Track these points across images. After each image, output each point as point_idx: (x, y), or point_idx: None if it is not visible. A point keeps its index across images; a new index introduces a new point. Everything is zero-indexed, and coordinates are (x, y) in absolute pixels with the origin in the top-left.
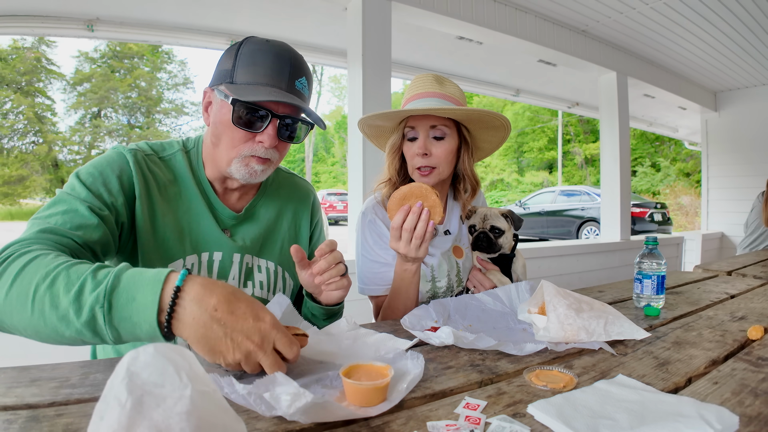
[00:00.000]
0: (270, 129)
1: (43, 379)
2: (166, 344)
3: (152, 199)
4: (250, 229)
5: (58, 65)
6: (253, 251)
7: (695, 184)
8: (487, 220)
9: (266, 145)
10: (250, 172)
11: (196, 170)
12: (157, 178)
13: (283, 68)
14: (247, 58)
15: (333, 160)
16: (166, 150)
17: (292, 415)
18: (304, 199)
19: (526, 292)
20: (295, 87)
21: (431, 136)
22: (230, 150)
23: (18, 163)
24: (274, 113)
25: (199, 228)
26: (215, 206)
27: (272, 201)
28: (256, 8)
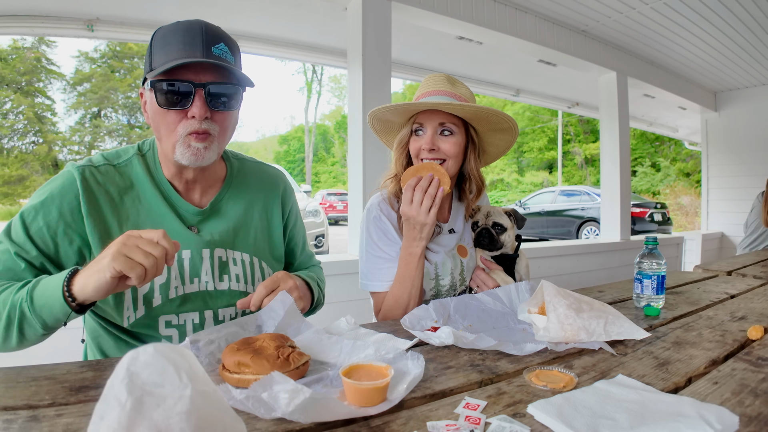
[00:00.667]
0: (197, 100)
1: (43, 379)
2: (166, 344)
3: (104, 213)
4: (218, 223)
5: (58, 65)
6: (224, 245)
7: (695, 184)
8: (490, 216)
9: (198, 117)
10: (193, 152)
11: (154, 172)
12: (110, 190)
13: (195, 38)
14: (159, 42)
15: (333, 160)
16: (120, 157)
17: (292, 413)
18: (274, 187)
19: (526, 292)
20: (213, 54)
21: (439, 132)
22: (170, 136)
23: (18, 163)
24: (195, 83)
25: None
26: (177, 205)
27: (239, 193)
28: (256, 8)
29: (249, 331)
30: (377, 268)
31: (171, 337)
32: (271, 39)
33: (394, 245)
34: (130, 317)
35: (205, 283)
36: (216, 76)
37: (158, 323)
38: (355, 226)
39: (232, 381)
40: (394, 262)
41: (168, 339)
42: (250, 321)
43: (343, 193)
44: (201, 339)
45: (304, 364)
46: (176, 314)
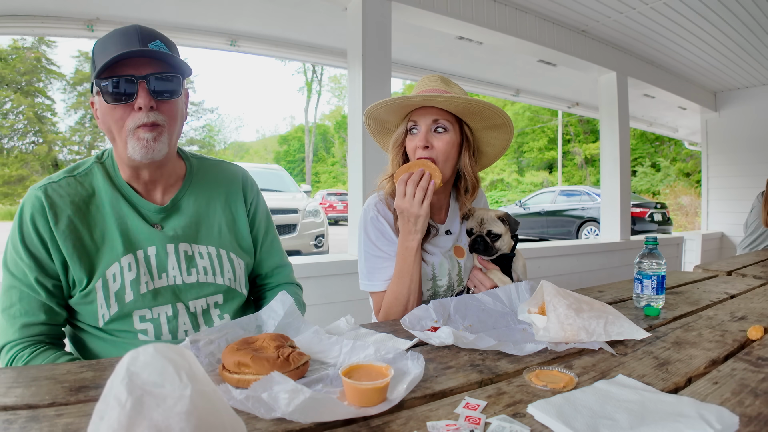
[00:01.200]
0: (140, 91)
1: (43, 379)
2: (166, 344)
3: (74, 223)
4: (180, 219)
5: (58, 65)
6: (188, 239)
7: (695, 184)
8: (484, 224)
9: (144, 108)
10: (143, 145)
11: (114, 177)
12: (75, 200)
13: (131, 38)
14: (99, 49)
15: (333, 160)
16: (79, 167)
17: (292, 413)
18: (233, 182)
19: (526, 292)
20: (150, 48)
21: (433, 130)
22: (120, 132)
23: (18, 163)
24: (137, 76)
25: (127, 229)
26: (138, 205)
27: (198, 190)
28: (256, 8)
29: (249, 331)
30: (376, 268)
31: (146, 330)
32: (271, 39)
33: (392, 245)
34: (104, 315)
35: (173, 278)
36: (156, 67)
37: (132, 318)
38: (355, 227)
39: (232, 381)
40: (392, 261)
41: (143, 333)
42: (250, 321)
43: (343, 193)
44: (201, 339)
45: (304, 364)
46: (149, 308)
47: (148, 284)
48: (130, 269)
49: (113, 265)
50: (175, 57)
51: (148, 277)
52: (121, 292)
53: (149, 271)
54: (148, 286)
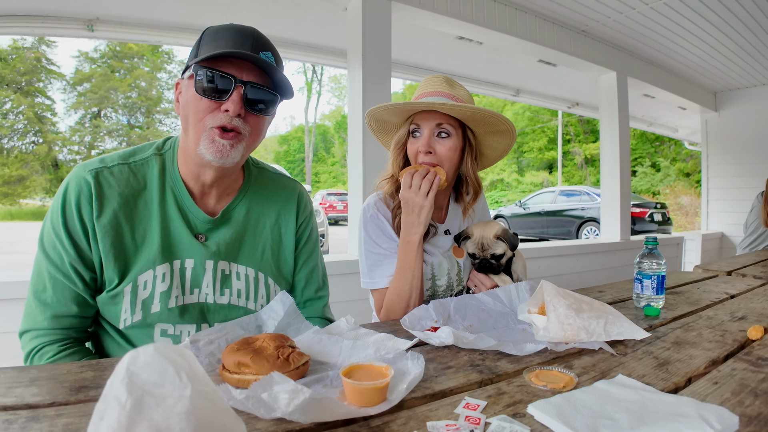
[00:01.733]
0: (234, 95)
1: (43, 379)
2: (166, 344)
3: (119, 221)
4: (226, 232)
5: (58, 65)
6: (228, 257)
7: (695, 184)
8: (486, 249)
9: (231, 112)
10: (217, 148)
11: (171, 172)
12: (125, 194)
13: (245, 39)
14: (210, 36)
15: (333, 160)
16: (136, 155)
17: (292, 413)
18: (289, 199)
19: (526, 292)
20: (260, 57)
21: (436, 134)
22: (197, 126)
23: (18, 163)
24: (238, 79)
25: (170, 235)
26: (189, 210)
27: (253, 202)
28: (256, 8)
29: (249, 331)
30: (377, 265)
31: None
32: (271, 39)
33: (392, 242)
34: (126, 320)
35: (206, 295)
36: (258, 78)
37: (154, 331)
38: (355, 226)
39: (232, 381)
40: (392, 258)
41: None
42: (250, 321)
43: (343, 193)
44: (201, 339)
45: (304, 364)
46: (173, 324)
47: (178, 299)
48: (163, 279)
49: (147, 271)
50: (280, 74)
51: (179, 291)
52: (148, 302)
53: (182, 285)
54: (177, 301)
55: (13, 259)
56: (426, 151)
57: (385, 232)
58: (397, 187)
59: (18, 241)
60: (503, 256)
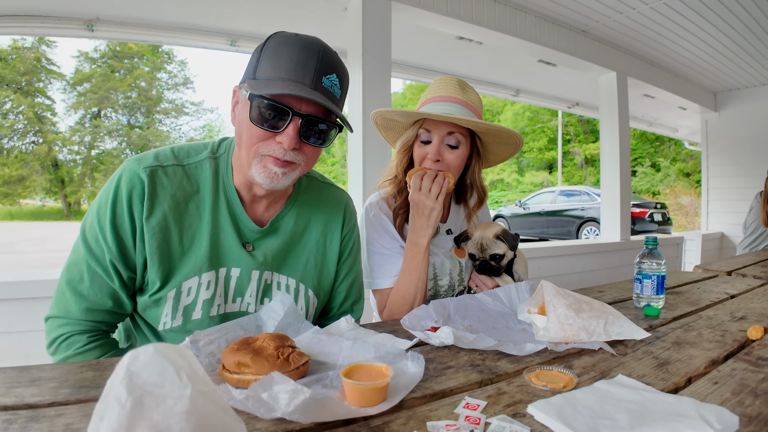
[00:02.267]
0: (290, 129)
1: (43, 379)
2: (166, 344)
3: (167, 223)
4: (273, 242)
5: (58, 65)
6: (273, 267)
7: (695, 184)
8: (485, 249)
9: (285, 146)
10: (269, 174)
11: (224, 178)
12: (176, 196)
13: (308, 62)
14: (272, 51)
15: (333, 160)
16: (191, 156)
17: (292, 413)
18: (336, 210)
19: (526, 292)
20: (322, 84)
21: (446, 143)
22: (249, 149)
23: (18, 163)
24: (295, 111)
25: (219, 242)
26: (239, 218)
27: (301, 212)
28: (256, 8)
29: (249, 331)
30: (380, 265)
31: None
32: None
33: (395, 242)
34: (166, 323)
35: (247, 305)
36: (318, 109)
37: None
38: None
39: (232, 381)
40: (395, 258)
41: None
42: (250, 321)
43: None
44: (201, 339)
45: (304, 364)
46: None
47: (220, 307)
48: (207, 288)
49: (192, 278)
50: (337, 105)
51: (222, 300)
52: (190, 308)
53: (225, 293)
54: (219, 310)
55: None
56: (435, 160)
57: (389, 232)
58: (399, 189)
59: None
60: (503, 257)
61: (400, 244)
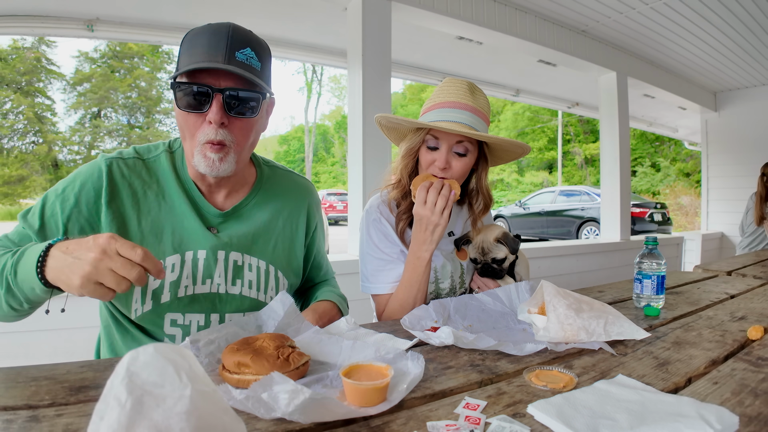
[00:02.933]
0: (214, 104)
1: (42, 379)
2: (166, 344)
3: (124, 206)
4: (239, 227)
5: (58, 65)
6: (241, 248)
7: (695, 184)
8: (487, 253)
9: (214, 123)
10: (208, 163)
11: (180, 170)
12: (134, 183)
13: (219, 42)
14: (187, 44)
15: (333, 160)
16: (151, 152)
17: (292, 414)
18: (302, 198)
19: (526, 292)
20: (236, 59)
21: (453, 151)
22: (191, 140)
23: (18, 163)
24: (215, 88)
25: (182, 227)
26: (200, 205)
27: (266, 200)
28: (256, 8)
29: (249, 331)
30: (379, 270)
31: (174, 336)
32: (271, 39)
33: (395, 246)
34: (137, 310)
35: (217, 286)
36: (237, 82)
37: (164, 321)
38: (355, 227)
39: (232, 381)
40: (395, 263)
41: (171, 339)
42: (250, 321)
43: (343, 193)
44: (201, 339)
45: (304, 364)
46: (182, 314)
47: (188, 288)
48: (173, 270)
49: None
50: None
51: (190, 281)
52: (159, 291)
53: (193, 275)
54: (187, 291)
55: None
56: (443, 167)
57: (389, 236)
58: (404, 193)
59: None
60: (504, 260)
61: (401, 249)
